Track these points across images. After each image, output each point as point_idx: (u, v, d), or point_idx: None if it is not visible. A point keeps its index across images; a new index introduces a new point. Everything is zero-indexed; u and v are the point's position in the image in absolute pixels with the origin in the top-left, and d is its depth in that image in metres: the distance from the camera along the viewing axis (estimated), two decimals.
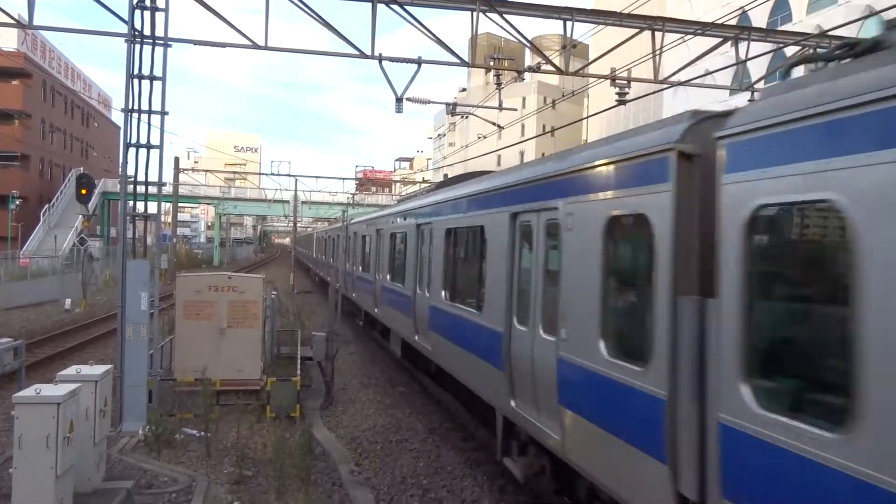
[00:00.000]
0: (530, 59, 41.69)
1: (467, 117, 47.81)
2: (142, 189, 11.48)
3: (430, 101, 24.49)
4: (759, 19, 36.81)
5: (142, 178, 11.35)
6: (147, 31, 11.11)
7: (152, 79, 11.16)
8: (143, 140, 11.27)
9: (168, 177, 47.20)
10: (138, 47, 11.04)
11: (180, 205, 55.63)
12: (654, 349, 4.93)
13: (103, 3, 12.24)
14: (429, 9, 14.41)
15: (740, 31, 16.21)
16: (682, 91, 34.48)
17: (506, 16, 14.39)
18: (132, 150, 11.24)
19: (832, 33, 16.29)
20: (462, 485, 8.99)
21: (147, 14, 11.07)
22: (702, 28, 15.60)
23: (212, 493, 8.18)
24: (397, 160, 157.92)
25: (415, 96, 22.87)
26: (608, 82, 16.41)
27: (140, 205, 11.67)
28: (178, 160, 47.51)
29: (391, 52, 15.56)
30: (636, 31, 15.51)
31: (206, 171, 68.93)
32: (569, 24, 14.94)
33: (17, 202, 51.03)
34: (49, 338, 19.66)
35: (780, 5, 39.04)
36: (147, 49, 11.08)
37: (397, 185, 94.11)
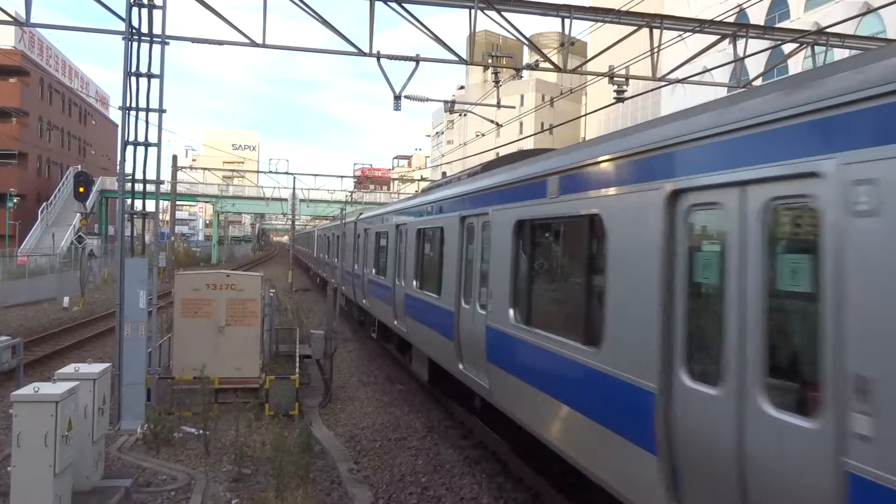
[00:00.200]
0: (528, 56, 41.66)
1: (465, 115, 47.79)
2: (140, 187, 11.47)
3: (428, 99, 24.50)
4: (757, 16, 36.81)
5: (140, 175, 11.35)
6: (145, 29, 11.09)
7: (150, 76, 11.14)
8: (141, 138, 11.26)
9: (166, 175, 47.29)
10: (136, 45, 11.02)
11: (178, 203, 55.55)
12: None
13: (101, 0, 12.21)
14: (427, 6, 14.38)
15: (738, 28, 16.21)
16: (679, 88, 34.48)
17: (504, 13, 14.39)
18: (130, 148, 11.23)
19: (830, 30, 16.29)
20: (461, 483, 9.00)
21: (145, 12, 11.06)
22: (700, 25, 15.60)
23: (210, 490, 8.18)
24: (395, 158, 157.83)
25: (413, 94, 22.86)
26: (606, 80, 16.41)
27: (138, 203, 11.66)
28: (175, 158, 47.43)
29: (389, 49, 15.59)
30: (634, 28, 15.52)
31: (205, 168, 68.78)
32: (567, 21, 14.93)
33: (15, 200, 51.02)
34: (47, 336, 19.64)
35: (778, 2, 39.05)
36: (145, 47, 11.07)
37: (395, 182, 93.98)
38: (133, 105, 11.08)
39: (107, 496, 7.40)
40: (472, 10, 14.11)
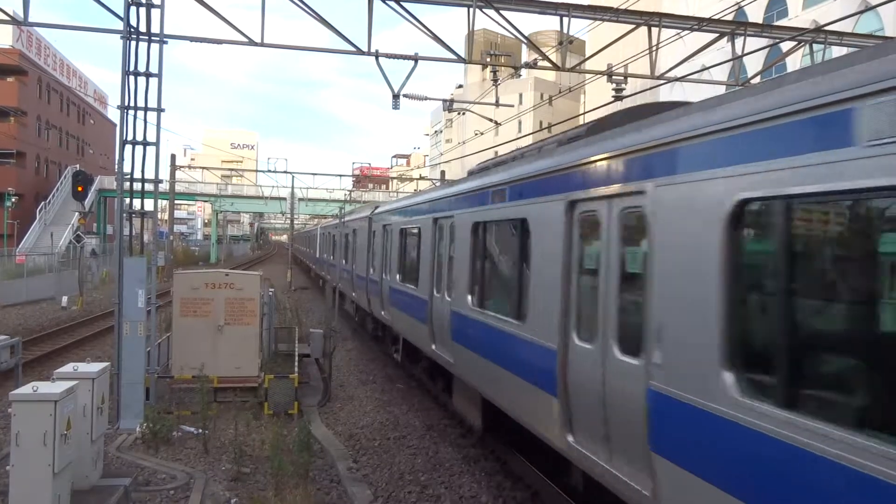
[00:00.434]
0: (527, 55, 41.67)
1: (464, 114, 47.76)
2: (138, 186, 11.46)
3: (426, 98, 24.54)
4: (756, 14, 36.81)
5: (138, 175, 11.34)
6: (143, 28, 11.08)
7: (148, 76, 11.13)
8: (140, 137, 11.25)
9: (164, 174, 47.26)
10: (134, 44, 11.01)
11: (177, 202, 55.50)
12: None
13: None
14: (425, 5, 14.37)
15: (736, 26, 16.22)
16: (678, 87, 34.49)
17: (502, 12, 14.39)
18: (128, 147, 11.22)
19: (828, 28, 16.29)
20: (460, 481, 9.01)
21: (143, 11, 11.05)
22: (698, 23, 15.60)
23: (210, 489, 8.18)
24: (394, 157, 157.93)
25: (412, 93, 22.88)
26: (605, 78, 16.42)
27: (137, 202, 11.66)
28: (174, 157, 47.40)
29: (388, 48, 15.58)
30: (633, 26, 15.52)
31: (203, 168, 68.66)
32: (565, 19, 14.94)
33: (14, 199, 50.97)
34: (46, 335, 19.62)
35: (776, 0, 39.04)
36: (143, 46, 11.06)
37: (394, 181, 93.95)
38: (132, 104, 11.07)
39: (106, 495, 7.40)
40: (471, 9, 14.12)
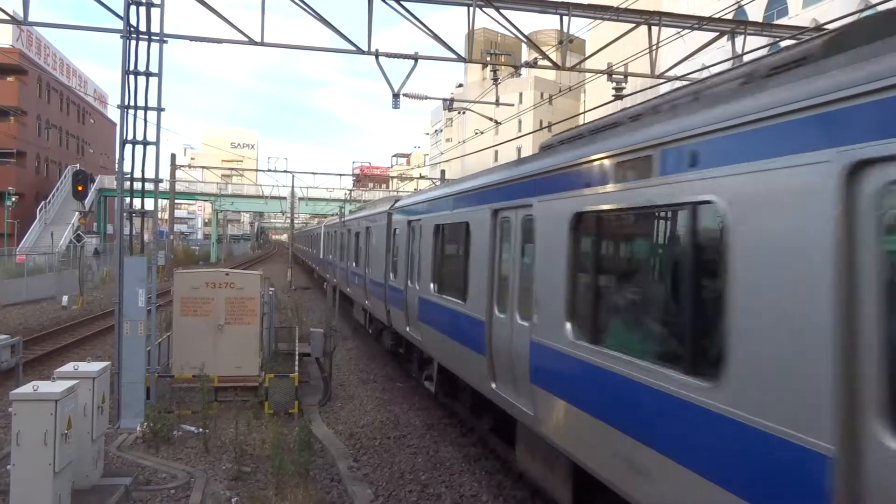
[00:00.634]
0: (527, 54, 41.65)
1: (464, 113, 47.75)
2: (139, 185, 11.46)
3: (426, 97, 24.51)
4: (756, 13, 36.79)
5: (139, 174, 11.34)
6: (143, 27, 11.08)
7: (148, 75, 11.12)
8: (140, 136, 11.25)
9: (165, 173, 47.26)
10: (134, 43, 11.01)
11: (177, 201, 55.50)
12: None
13: None
14: (425, 4, 14.37)
15: (736, 25, 16.20)
16: (678, 85, 34.50)
17: (502, 11, 14.38)
18: (129, 147, 11.22)
19: (828, 27, 16.29)
20: (460, 480, 9.02)
21: (143, 10, 11.04)
22: (698, 22, 15.60)
23: (210, 489, 8.18)
24: (394, 156, 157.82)
25: (412, 92, 22.84)
26: (605, 77, 16.41)
27: (137, 201, 11.65)
28: (174, 156, 47.38)
29: (388, 47, 15.57)
30: (633, 25, 15.51)
31: (203, 167, 68.69)
32: (565, 18, 14.93)
33: (14, 199, 50.95)
34: (46, 335, 19.63)
35: None
36: (143, 45, 11.06)
37: (394, 181, 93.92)
38: (132, 103, 11.07)
39: (106, 494, 7.41)
40: (471, 8, 14.11)
